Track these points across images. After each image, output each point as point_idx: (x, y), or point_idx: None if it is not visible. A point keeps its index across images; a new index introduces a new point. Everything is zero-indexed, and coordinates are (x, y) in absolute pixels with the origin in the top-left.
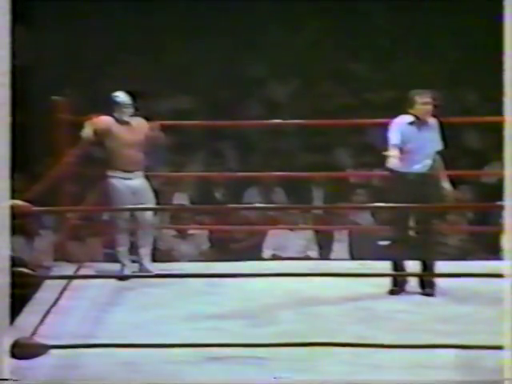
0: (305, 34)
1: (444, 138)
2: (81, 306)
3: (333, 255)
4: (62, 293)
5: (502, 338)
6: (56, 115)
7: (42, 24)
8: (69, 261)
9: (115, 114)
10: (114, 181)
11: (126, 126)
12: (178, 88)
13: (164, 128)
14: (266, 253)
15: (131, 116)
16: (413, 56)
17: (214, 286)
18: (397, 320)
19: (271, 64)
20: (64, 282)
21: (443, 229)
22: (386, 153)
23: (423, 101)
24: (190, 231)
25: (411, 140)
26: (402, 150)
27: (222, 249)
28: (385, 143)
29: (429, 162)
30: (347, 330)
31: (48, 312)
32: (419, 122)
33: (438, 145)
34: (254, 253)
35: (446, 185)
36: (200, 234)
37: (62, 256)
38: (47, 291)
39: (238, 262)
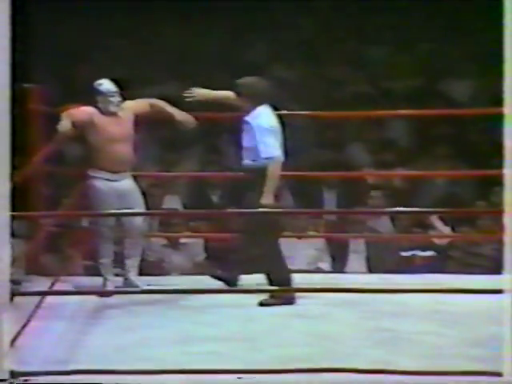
0: (313, 13)
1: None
2: (56, 326)
3: (348, 268)
4: (34, 311)
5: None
6: (28, 106)
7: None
8: (43, 274)
9: (99, 105)
10: (97, 182)
11: (111, 118)
12: (169, 73)
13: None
14: None
15: (117, 106)
16: (439, 38)
17: (210, 304)
18: (422, 343)
19: (274, 47)
20: (37, 298)
21: (475, 237)
22: None
23: None
24: (183, 240)
25: None
26: None
27: (220, 260)
28: None
29: (248, 161)
30: (364, 353)
31: (18, 334)
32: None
33: (253, 147)
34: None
35: (265, 199)
36: (194, 243)
37: (34, 269)
38: (17, 309)
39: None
